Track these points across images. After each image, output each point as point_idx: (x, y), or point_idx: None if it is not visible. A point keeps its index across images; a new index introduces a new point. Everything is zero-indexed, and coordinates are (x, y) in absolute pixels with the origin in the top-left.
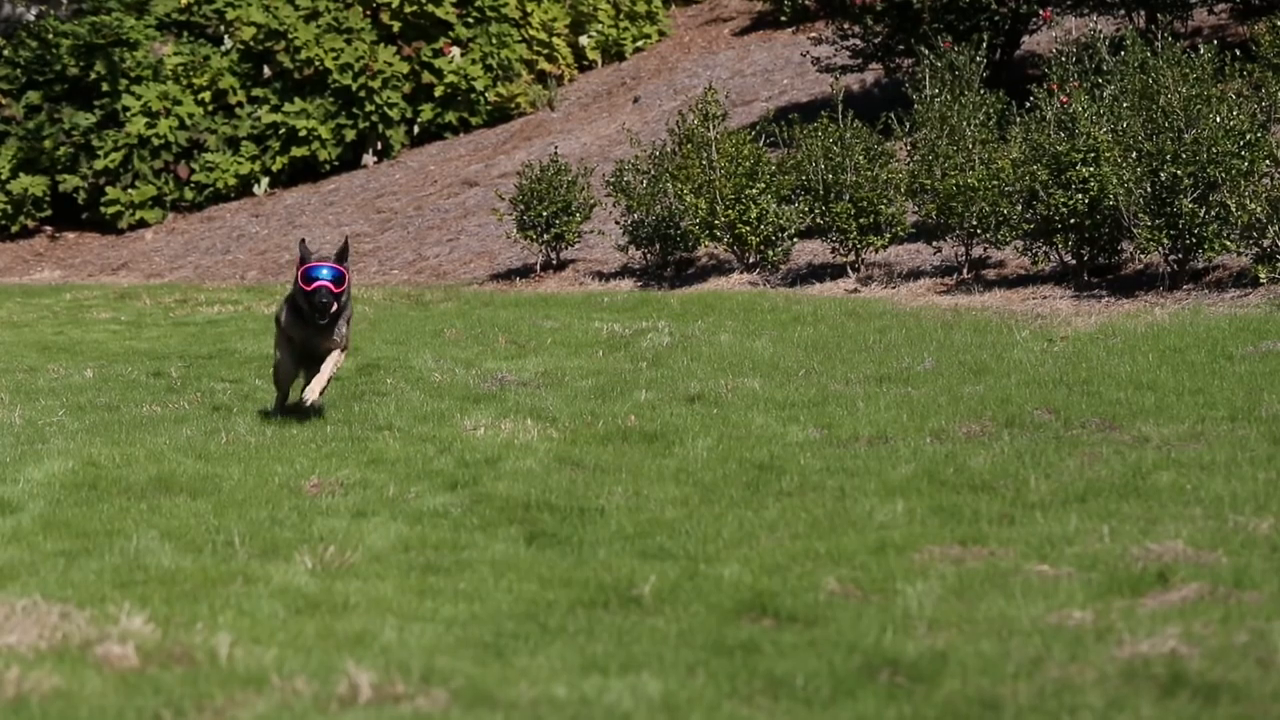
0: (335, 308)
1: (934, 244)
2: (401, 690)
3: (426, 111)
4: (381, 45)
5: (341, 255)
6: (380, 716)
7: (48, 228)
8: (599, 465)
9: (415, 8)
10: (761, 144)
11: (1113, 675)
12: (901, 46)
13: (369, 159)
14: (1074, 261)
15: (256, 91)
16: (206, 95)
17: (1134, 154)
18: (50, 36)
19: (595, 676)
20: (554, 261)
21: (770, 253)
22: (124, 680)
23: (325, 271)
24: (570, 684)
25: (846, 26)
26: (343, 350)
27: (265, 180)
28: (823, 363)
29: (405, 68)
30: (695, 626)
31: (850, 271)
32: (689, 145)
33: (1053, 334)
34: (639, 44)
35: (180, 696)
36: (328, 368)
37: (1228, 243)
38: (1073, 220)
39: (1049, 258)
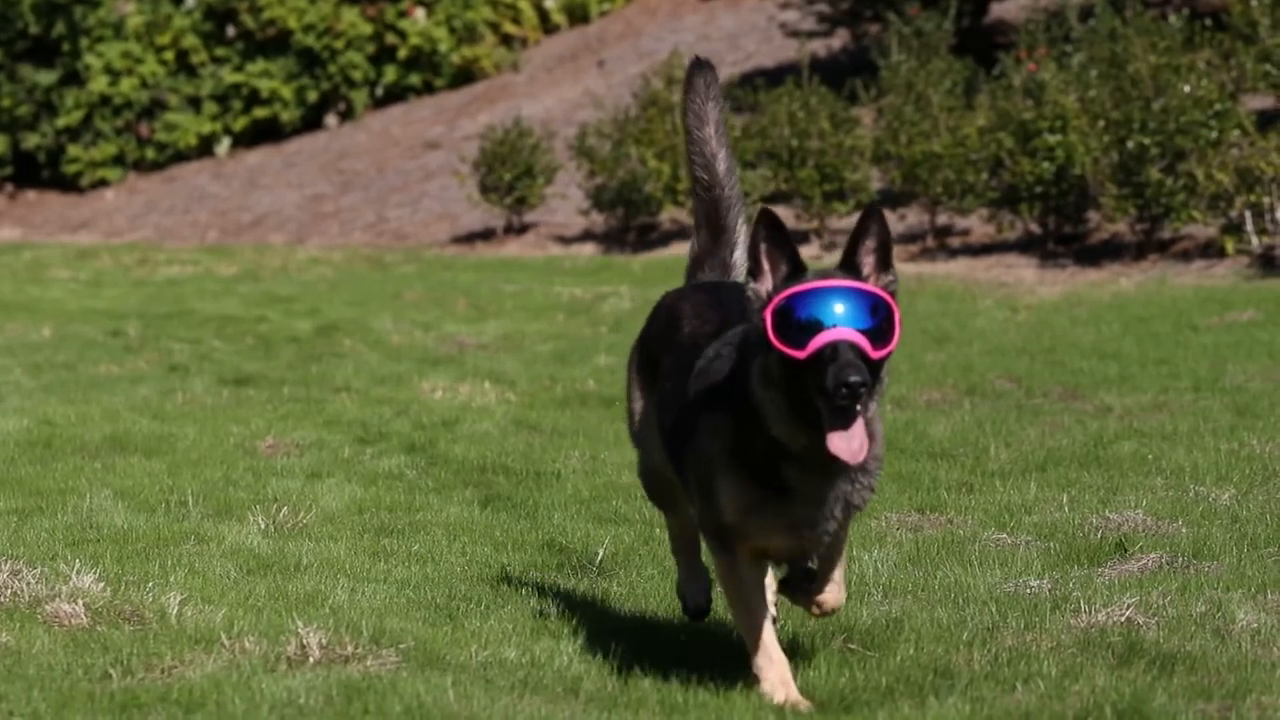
0: (869, 407)
1: (899, 211)
2: (351, 651)
3: (390, 73)
4: (345, 6)
5: (886, 257)
6: (329, 677)
7: (8, 186)
8: (556, 429)
9: None
10: (726, 108)
11: (1068, 644)
12: (869, 12)
13: (331, 120)
14: (1039, 230)
15: (219, 51)
16: (169, 54)
17: (1101, 123)
18: None
19: (546, 639)
20: (515, 225)
21: None
22: (73, 638)
23: (843, 306)
24: (521, 646)
25: None
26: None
27: (227, 140)
28: None
29: (369, 29)
30: (649, 591)
31: (814, 238)
32: (653, 109)
33: (1016, 303)
34: (604, 7)
35: (129, 655)
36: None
37: (1195, 213)
38: (1039, 189)
39: (1014, 226)
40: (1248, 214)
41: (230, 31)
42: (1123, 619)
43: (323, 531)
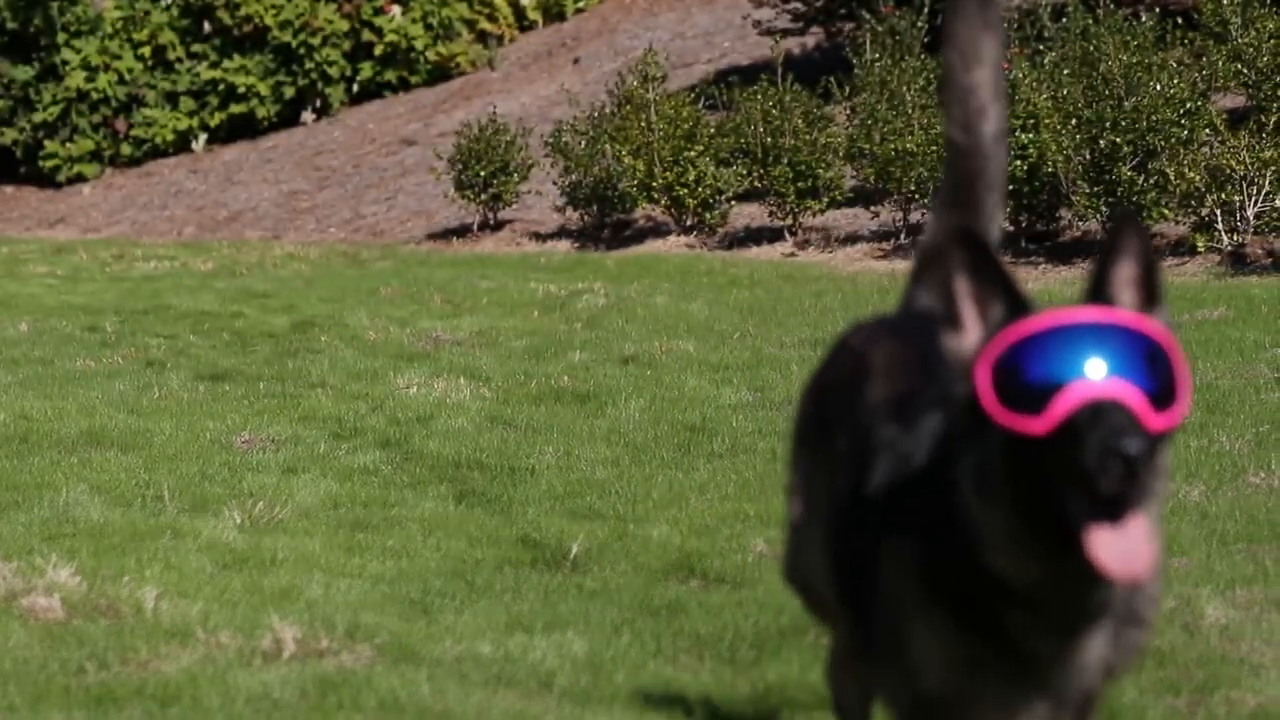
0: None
1: (872, 209)
2: (326, 645)
3: (366, 70)
4: (321, 2)
5: (1153, 288)
6: (304, 671)
7: None
8: (531, 425)
9: None
10: (701, 106)
11: None
12: (843, 10)
13: (308, 116)
14: (1011, 228)
15: (196, 47)
16: (146, 50)
17: (1074, 121)
18: None
19: (520, 635)
20: (491, 221)
21: (708, 215)
22: (49, 632)
23: (1102, 353)
24: (495, 641)
25: None
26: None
27: (203, 136)
28: (758, 326)
29: (345, 25)
30: (622, 586)
31: (788, 235)
32: (628, 107)
33: None
34: (580, 4)
35: (105, 649)
36: None
37: (1166, 211)
38: (1011, 186)
39: None
40: (1218, 212)
41: (207, 28)
42: None
43: (298, 526)
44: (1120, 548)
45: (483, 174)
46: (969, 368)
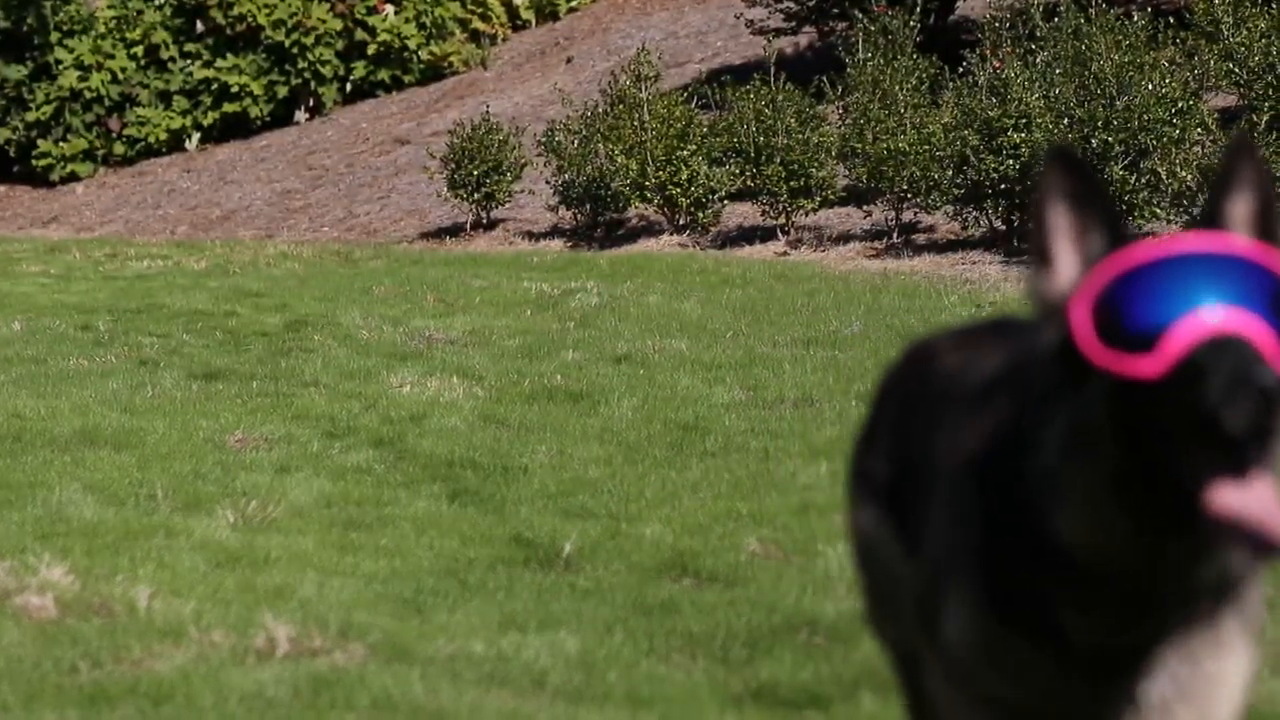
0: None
1: (864, 208)
2: (319, 644)
3: (359, 69)
4: (315, 2)
5: (1270, 223)
6: (297, 670)
7: None
8: (524, 424)
9: None
10: (693, 106)
11: None
12: (835, 9)
13: (301, 116)
14: (1004, 227)
15: (189, 46)
16: (139, 49)
17: (1065, 120)
18: None
19: (513, 633)
20: (484, 220)
21: (700, 215)
22: (42, 631)
23: (1218, 288)
24: (488, 640)
25: None
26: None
27: (197, 135)
28: (750, 325)
29: (338, 25)
30: (615, 585)
31: (780, 234)
32: (621, 106)
33: (981, 299)
34: (573, 3)
35: (98, 648)
36: None
37: (1157, 210)
38: (1003, 186)
39: (979, 223)
40: None
41: (200, 27)
42: None
43: (291, 525)
44: (1252, 509)
45: (476, 173)
46: (1061, 310)
